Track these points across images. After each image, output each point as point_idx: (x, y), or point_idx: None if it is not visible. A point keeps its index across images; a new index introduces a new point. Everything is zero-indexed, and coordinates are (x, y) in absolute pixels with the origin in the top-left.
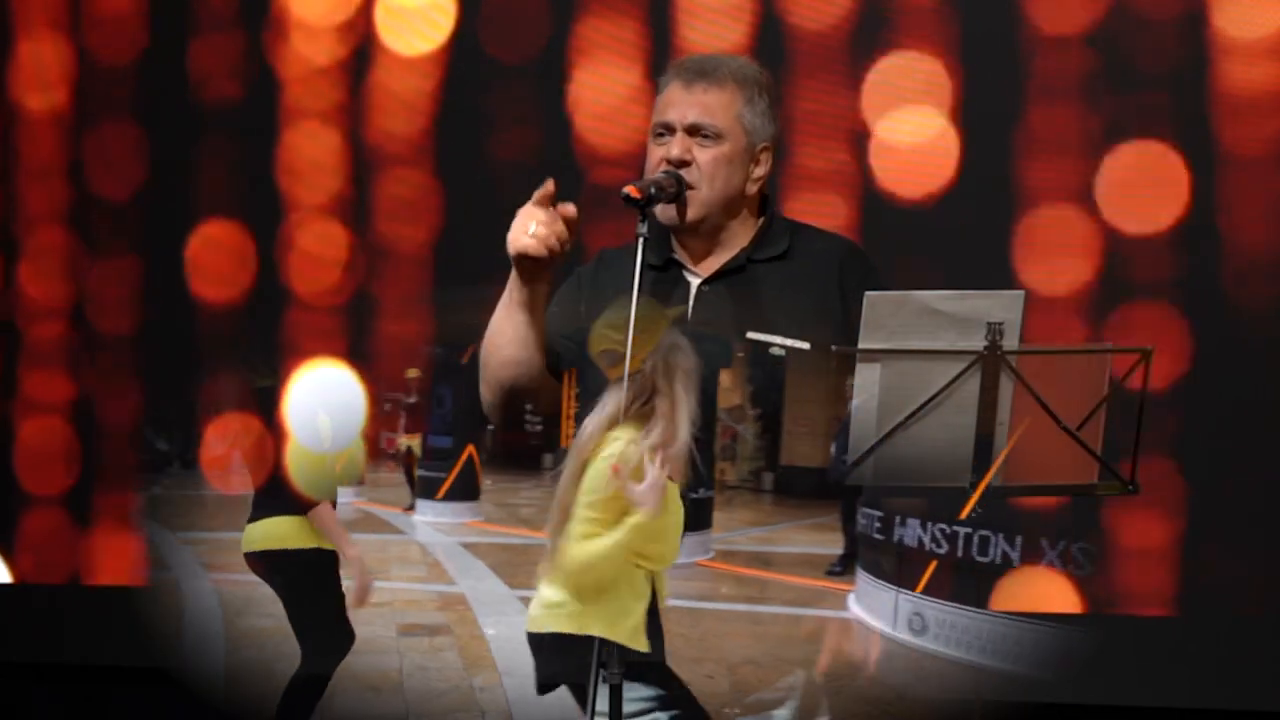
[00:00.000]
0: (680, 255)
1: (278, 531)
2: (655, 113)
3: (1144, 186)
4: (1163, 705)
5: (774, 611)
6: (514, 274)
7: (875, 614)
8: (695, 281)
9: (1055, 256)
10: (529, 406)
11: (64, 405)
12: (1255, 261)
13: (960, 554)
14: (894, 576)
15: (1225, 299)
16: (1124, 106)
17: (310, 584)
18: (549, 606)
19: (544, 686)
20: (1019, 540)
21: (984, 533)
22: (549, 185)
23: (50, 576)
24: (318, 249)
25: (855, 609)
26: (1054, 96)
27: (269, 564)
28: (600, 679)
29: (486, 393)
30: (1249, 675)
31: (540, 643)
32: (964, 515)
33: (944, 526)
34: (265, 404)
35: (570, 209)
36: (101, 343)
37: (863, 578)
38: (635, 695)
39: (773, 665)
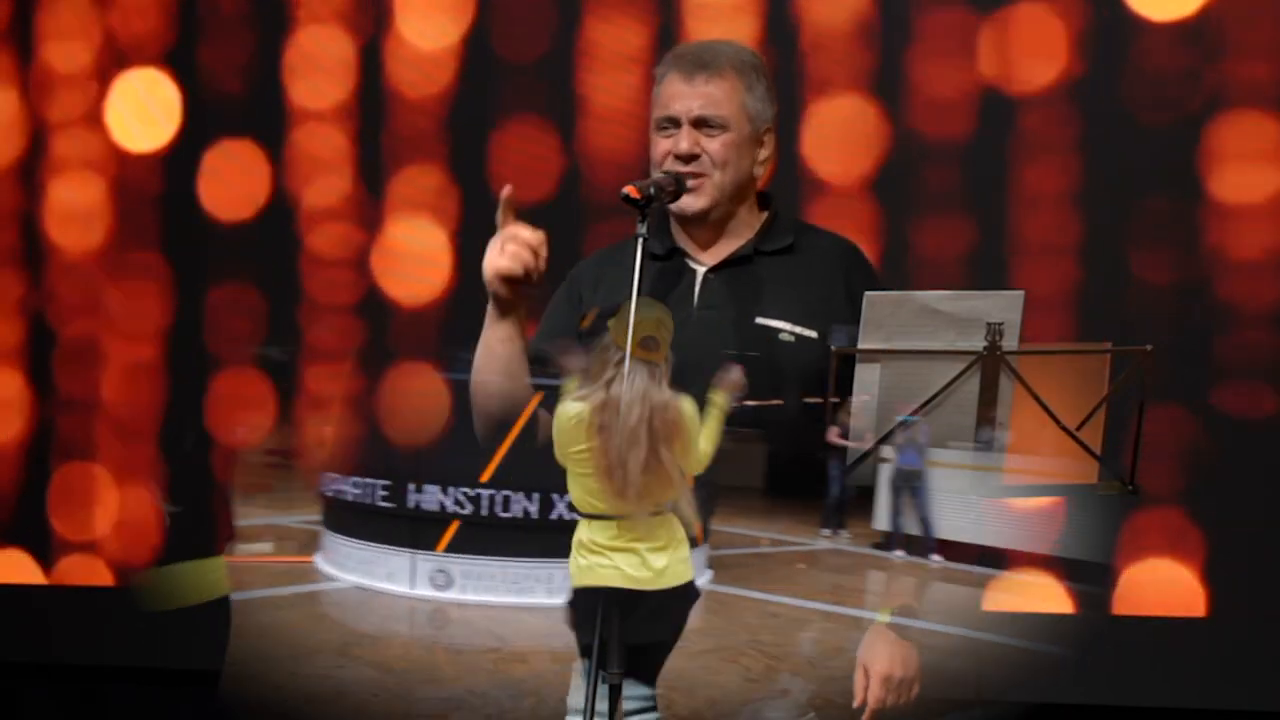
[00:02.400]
0: (684, 243)
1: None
2: (656, 106)
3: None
4: (1163, 706)
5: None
6: (490, 308)
7: (386, 579)
8: (701, 270)
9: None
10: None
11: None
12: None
13: (485, 513)
14: (409, 540)
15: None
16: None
17: None
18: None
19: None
20: (537, 496)
21: (505, 492)
22: (508, 189)
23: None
24: (331, 249)
25: (349, 577)
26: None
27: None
28: (600, 679)
29: (480, 428)
30: (1249, 675)
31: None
32: (485, 478)
33: (466, 490)
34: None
35: (539, 233)
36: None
37: (350, 543)
38: (630, 694)
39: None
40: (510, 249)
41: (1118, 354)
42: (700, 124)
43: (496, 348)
